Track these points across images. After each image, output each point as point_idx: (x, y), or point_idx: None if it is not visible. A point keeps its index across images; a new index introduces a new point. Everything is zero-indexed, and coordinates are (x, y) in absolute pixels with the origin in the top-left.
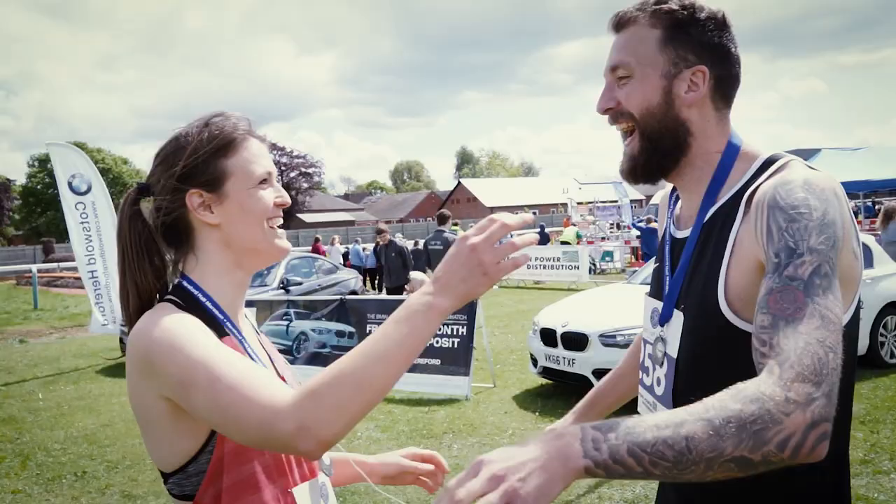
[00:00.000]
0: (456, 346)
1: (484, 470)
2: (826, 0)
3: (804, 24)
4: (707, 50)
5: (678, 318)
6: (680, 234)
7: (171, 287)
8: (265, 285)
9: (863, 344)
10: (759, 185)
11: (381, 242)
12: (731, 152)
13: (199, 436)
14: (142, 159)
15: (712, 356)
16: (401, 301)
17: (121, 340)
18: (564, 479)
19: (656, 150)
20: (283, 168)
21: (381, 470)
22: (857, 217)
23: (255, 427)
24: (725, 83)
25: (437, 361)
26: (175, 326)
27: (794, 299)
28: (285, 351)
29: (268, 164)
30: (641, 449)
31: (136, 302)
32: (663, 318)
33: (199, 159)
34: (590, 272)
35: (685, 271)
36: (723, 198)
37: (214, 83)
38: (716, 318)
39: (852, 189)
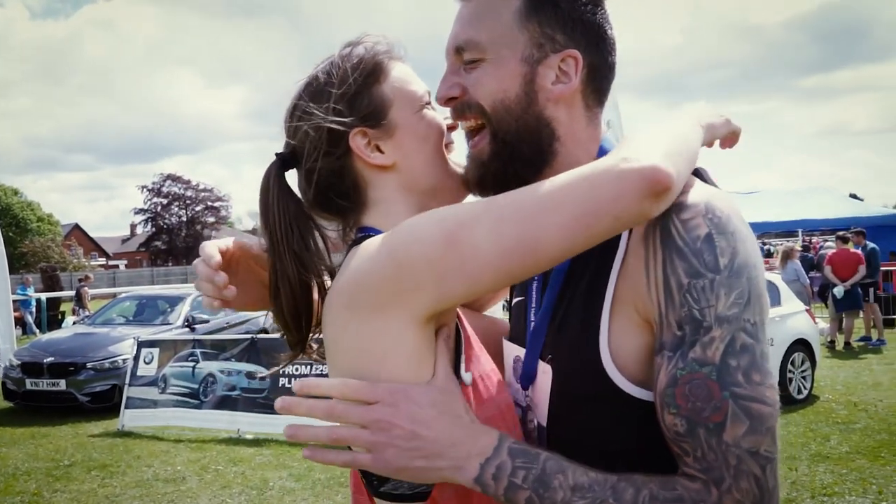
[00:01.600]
0: None
1: (381, 409)
2: (717, 54)
3: (698, 75)
4: (580, 29)
5: (545, 373)
6: None
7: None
8: (168, 324)
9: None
10: None
11: None
12: None
13: None
14: (34, 190)
15: (592, 427)
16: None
17: (3, 384)
18: (439, 480)
19: (513, 156)
20: (188, 201)
21: None
22: None
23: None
24: (600, 74)
25: None
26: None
27: (708, 395)
28: (191, 395)
29: (423, 83)
30: None
31: (291, 303)
32: (526, 374)
33: (352, 91)
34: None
35: (550, 309)
36: None
37: (116, 113)
38: (596, 378)
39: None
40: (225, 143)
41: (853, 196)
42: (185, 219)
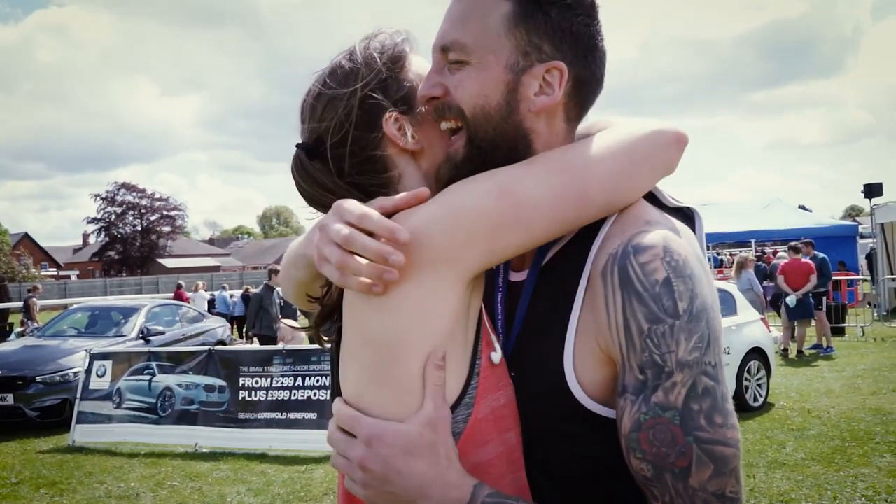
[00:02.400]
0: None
1: (359, 447)
2: (671, 69)
3: (653, 89)
4: (569, 41)
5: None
6: (516, 277)
7: None
8: (122, 335)
9: (728, 389)
10: (611, 231)
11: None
12: None
13: (464, 363)
14: None
15: (554, 444)
16: (277, 350)
17: None
18: None
19: (486, 162)
20: (142, 210)
21: None
22: None
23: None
24: (585, 88)
25: (313, 415)
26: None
27: (672, 440)
28: (149, 409)
29: None
30: None
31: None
32: None
33: (382, 75)
34: None
35: (520, 325)
36: (566, 237)
37: (68, 120)
38: (558, 394)
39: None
40: (181, 152)
41: (802, 207)
42: (139, 228)
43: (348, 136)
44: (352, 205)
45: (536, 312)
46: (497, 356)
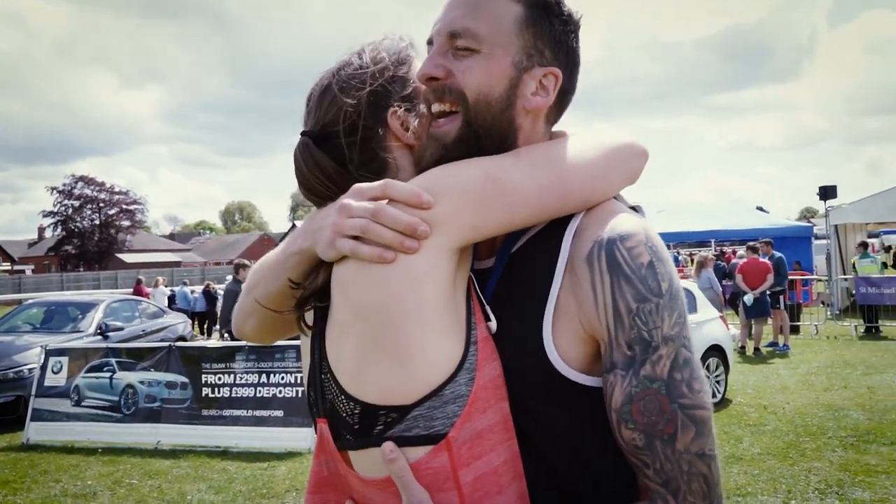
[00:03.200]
0: (300, 394)
1: None
2: (634, 70)
3: (616, 90)
4: (564, 52)
5: None
6: (481, 265)
7: None
8: (79, 331)
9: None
10: (585, 222)
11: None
12: None
13: (461, 332)
14: None
15: (537, 416)
16: (240, 347)
17: None
18: None
19: (478, 148)
20: (101, 204)
21: None
22: None
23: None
24: (567, 97)
25: (280, 413)
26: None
27: (660, 409)
28: (112, 408)
29: None
30: None
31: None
32: None
33: (389, 73)
34: None
35: (489, 306)
36: (535, 228)
37: (23, 111)
38: (540, 367)
39: (666, 240)
40: (141, 145)
41: (760, 209)
42: (97, 222)
43: (356, 126)
44: (370, 184)
45: (508, 295)
46: (493, 325)
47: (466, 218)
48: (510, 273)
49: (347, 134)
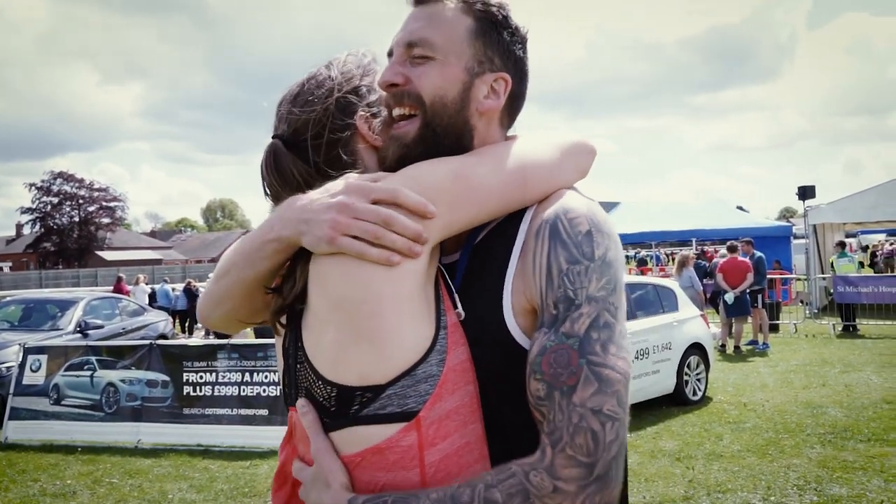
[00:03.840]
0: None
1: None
2: (616, 70)
3: (598, 90)
4: (512, 61)
5: None
6: (448, 260)
7: None
8: (58, 329)
9: (669, 383)
10: (538, 209)
11: None
12: None
13: (431, 318)
14: None
15: (504, 394)
16: (221, 345)
17: None
18: None
19: (437, 146)
20: (80, 201)
21: None
22: (646, 264)
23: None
24: (517, 102)
25: (264, 412)
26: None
27: (567, 362)
28: (94, 406)
29: None
30: None
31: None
32: None
33: (356, 83)
34: None
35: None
36: (494, 222)
37: (0, 106)
38: (504, 345)
39: (648, 239)
40: (122, 142)
41: (740, 208)
42: (77, 219)
43: (324, 130)
44: (374, 185)
45: (473, 284)
46: (461, 312)
47: (442, 217)
48: (473, 264)
49: (316, 137)
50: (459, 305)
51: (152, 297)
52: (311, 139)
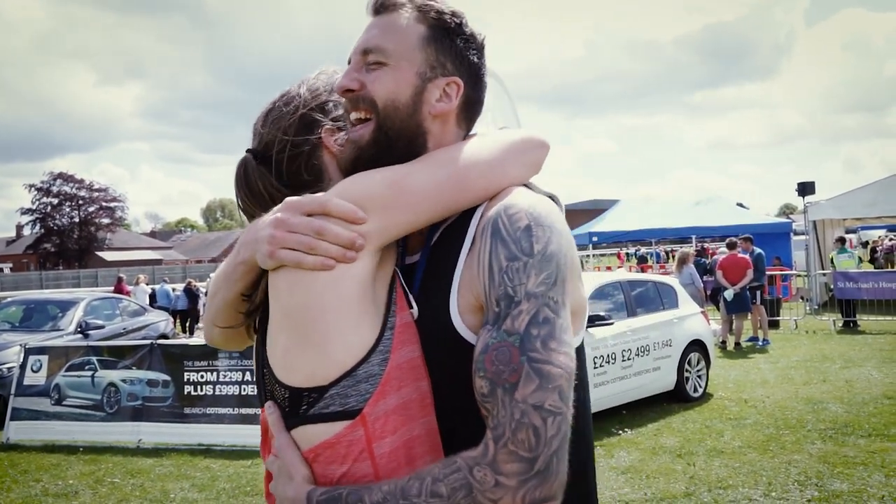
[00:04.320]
0: None
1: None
2: (615, 68)
3: (594, 87)
4: (465, 66)
5: None
6: (410, 260)
7: None
8: (59, 329)
9: (670, 380)
10: (489, 206)
11: None
12: None
13: (377, 320)
14: None
15: (458, 390)
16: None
17: None
18: None
19: (390, 148)
20: (80, 202)
21: None
22: (647, 262)
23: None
24: (473, 106)
25: None
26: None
27: (509, 359)
28: (95, 406)
29: None
30: None
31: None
32: None
33: (322, 99)
34: None
35: (415, 295)
36: (449, 220)
37: None
38: (453, 343)
39: (648, 236)
40: (121, 142)
41: (740, 205)
42: (77, 220)
43: (291, 143)
44: (306, 199)
45: (429, 283)
46: (415, 312)
47: (375, 222)
48: (430, 264)
49: (282, 153)
50: (414, 305)
51: (153, 297)
52: (276, 154)
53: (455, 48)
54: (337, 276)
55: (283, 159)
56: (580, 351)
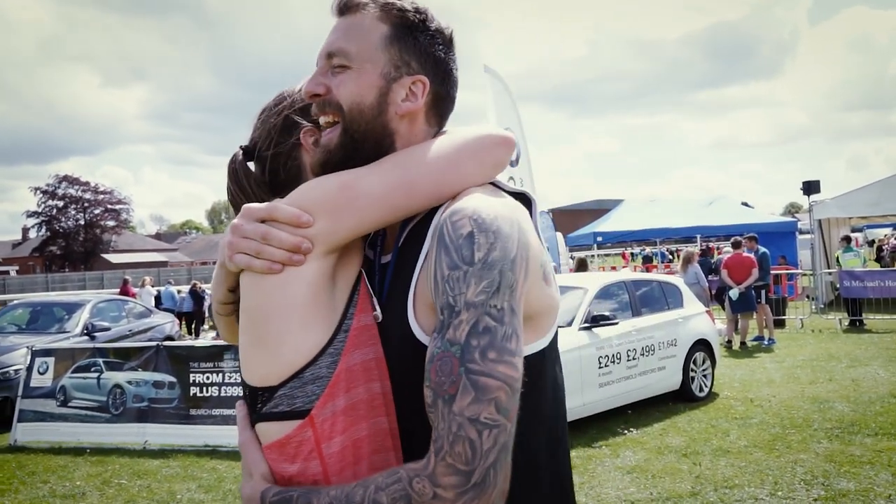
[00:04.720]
0: None
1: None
2: (618, 67)
3: (597, 87)
4: (431, 62)
5: None
6: (385, 259)
7: None
8: (65, 331)
9: (675, 379)
10: (445, 208)
11: None
12: None
13: (330, 323)
14: None
15: (416, 391)
16: (228, 346)
17: None
18: None
19: (357, 151)
20: (85, 204)
21: None
22: (652, 262)
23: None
24: (443, 102)
25: None
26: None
27: (450, 370)
28: (100, 408)
29: None
30: None
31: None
32: None
33: (303, 105)
34: None
35: (385, 296)
36: (416, 217)
37: (4, 110)
38: (411, 343)
39: (652, 236)
40: (125, 144)
41: (745, 204)
42: (82, 222)
43: (272, 142)
44: (257, 206)
45: (395, 284)
46: (378, 314)
47: (322, 224)
48: (398, 264)
49: (267, 148)
50: (377, 308)
51: (158, 298)
52: (260, 152)
53: (419, 45)
54: (286, 278)
55: (267, 158)
56: (549, 352)
